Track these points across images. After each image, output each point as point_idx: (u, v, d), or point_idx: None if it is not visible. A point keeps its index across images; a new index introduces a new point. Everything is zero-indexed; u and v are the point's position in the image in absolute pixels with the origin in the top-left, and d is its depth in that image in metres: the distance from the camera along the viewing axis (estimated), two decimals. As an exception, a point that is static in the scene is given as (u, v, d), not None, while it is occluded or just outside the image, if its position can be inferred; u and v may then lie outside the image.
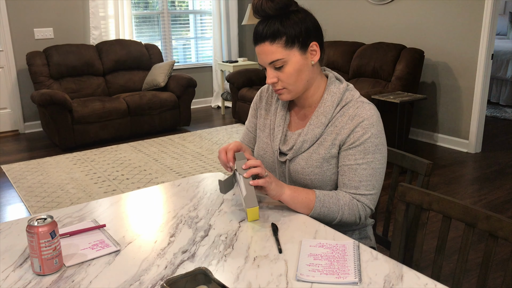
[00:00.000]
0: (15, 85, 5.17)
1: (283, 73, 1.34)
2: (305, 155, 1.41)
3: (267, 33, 1.31)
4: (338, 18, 5.41)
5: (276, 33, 1.31)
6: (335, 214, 1.34)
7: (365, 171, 1.34)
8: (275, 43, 1.31)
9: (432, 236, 2.78)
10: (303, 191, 1.35)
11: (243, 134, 1.65)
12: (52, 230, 1.06)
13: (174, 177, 3.78)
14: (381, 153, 1.36)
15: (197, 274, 0.94)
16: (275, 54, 1.32)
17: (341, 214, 1.34)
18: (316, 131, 1.39)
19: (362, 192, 1.35)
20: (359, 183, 1.34)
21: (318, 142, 1.40)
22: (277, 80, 1.36)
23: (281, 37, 1.31)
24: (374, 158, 1.34)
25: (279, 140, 1.46)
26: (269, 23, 1.32)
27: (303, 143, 1.40)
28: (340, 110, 1.38)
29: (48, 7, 5.20)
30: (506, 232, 1.13)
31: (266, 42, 1.32)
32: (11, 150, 4.67)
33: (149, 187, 1.60)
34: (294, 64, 1.34)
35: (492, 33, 4.09)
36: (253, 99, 1.62)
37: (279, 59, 1.33)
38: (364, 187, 1.35)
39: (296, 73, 1.35)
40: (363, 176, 1.34)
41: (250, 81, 5.37)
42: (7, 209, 3.26)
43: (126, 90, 5.35)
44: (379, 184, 1.37)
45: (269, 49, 1.32)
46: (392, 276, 1.05)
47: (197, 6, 6.37)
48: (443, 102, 4.55)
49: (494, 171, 3.89)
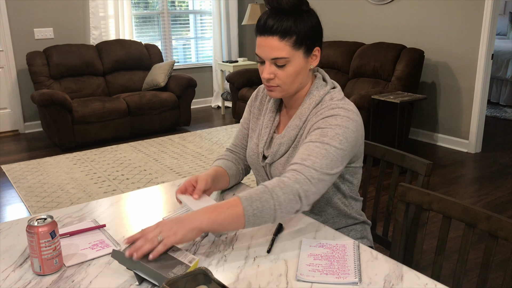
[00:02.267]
0: (15, 85, 5.18)
1: (283, 71, 1.31)
2: (283, 159, 1.39)
3: (278, 28, 1.26)
4: (338, 18, 5.41)
5: (288, 30, 1.27)
6: (270, 202, 1.14)
7: (317, 148, 1.22)
8: (284, 40, 1.27)
9: (432, 236, 2.78)
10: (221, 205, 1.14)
11: (238, 130, 1.62)
12: (52, 230, 1.06)
13: (174, 177, 3.78)
14: (341, 144, 1.24)
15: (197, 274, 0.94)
16: (281, 52, 1.28)
17: (275, 197, 1.14)
18: (291, 134, 1.37)
19: (307, 164, 1.19)
20: (307, 156, 1.21)
21: (293, 145, 1.37)
22: (274, 77, 1.33)
23: (292, 36, 1.27)
24: (331, 143, 1.23)
25: (264, 143, 1.44)
26: (282, 17, 1.27)
27: (280, 147, 1.39)
28: (315, 111, 1.35)
29: (48, 7, 5.20)
30: (506, 232, 1.13)
31: (275, 37, 1.27)
32: (11, 150, 4.67)
33: (149, 187, 1.60)
34: (296, 66, 1.31)
35: (492, 33, 4.09)
36: (250, 97, 1.59)
37: (284, 58, 1.29)
38: (311, 160, 1.20)
39: (295, 74, 1.32)
40: (313, 151, 1.22)
41: (250, 81, 5.37)
42: (7, 209, 3.26)
43: (126, 90, 5.35)
44: (328, 170, 1.21)
45: (276, 45, 1.28)
46: (392, 276, 1.05)
47: (197, 6, 6.37)
48: (443, 102, 4.55)
49: (494, 171, 3.89)
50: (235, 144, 1.62)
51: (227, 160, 1.56)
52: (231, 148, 1.62)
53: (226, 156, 1.58)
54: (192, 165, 4.06)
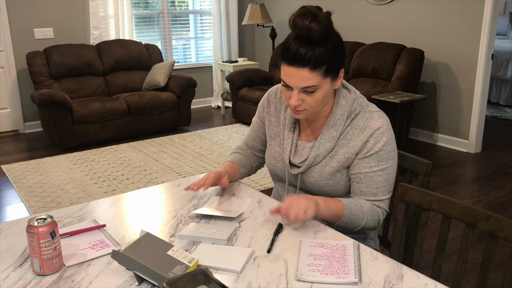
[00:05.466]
0: (15, 85, 5.17)
1: (311, 97, 1.31)
2: (318, 168, 1.42)
3: (310, 59, 1.25)
4: (338, 18, 5.41)
5: (320, 61, 1.26)
6: (360, 221, 1.35)
7: (380, 178, 1.36)
8: (315, 70, 1.26)
9: (432, 236, 2.78)
10: (330, 200, 1.34)
11: (250, 131, 1.66)
12: (52, 230, 1.06)
13: (174, 177, 3.77)
14: (393, 158, 1.38)
15: (197, 274, 0.94)
16: (311, 81, 1.28)
17: (365, 220, 1.35)
18: (327, 145, 1.40)
19: (380, 198, 1.38)
20: (376, 189, 1.37)
21: (330, 155, 1.41)
22: (302, 103, 1.33)
23: (322, 66, 1.27)
24: (387, 164, 1.37)
25: (289, 152, 1.46)
26: (312, 47, 1.25)
27: (315, 158, 1.42)
28: (350, 122, 1.39)
29: (48, 7, 5.20)
30: (506, 232, 1.13)
31: (306, 68, 1.26)
32: (11, 150, 4.67)
33: (149, 187, 1.60)
34: (324, 91, 1.32)
35: (492, 33, 4.09)
36: (261, 101, 1.60)
37: (314, 86, 1.29)
38: (381, 193, 1.37)
39: (322, 98, 1.33)
40: (379, 182, 1.37)
41: (250, 81, 5.37)
42: (7, 209, 3.26)
43: (126, 90, 5.35)
44: (392, 187, 1.41)
45: (307, 76, 1.27)
46: (392, 276, 1.05)
47: (197, 6, 6.37)
48: (443, 102, 4.55)
49: (494, 171, 3.89)
50: (248, 144, 1.67)
51: (243, 156, 1.66)
52: (243, 147, 1.69)
53: (243, 152, 1.67)
54: (192, 165, 4.06)
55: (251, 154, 1.67)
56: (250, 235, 1.25)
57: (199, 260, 1.11)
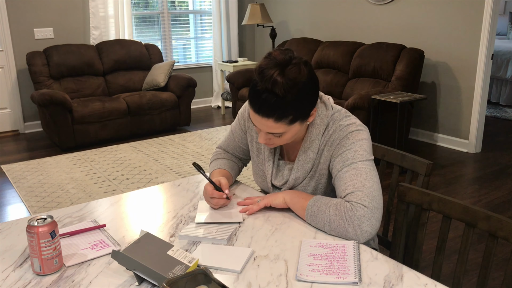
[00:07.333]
0: (15, 85, 5.17)
1: (280, 139, 1.31)
2: (300, 188, 1.43)
3: (274, 112, 1.22)
4: (338, 18, 5.41)
5: (285, 114, 1.23)
6: (323, 214, 1.26)
7: (347, 173, 1.29)
8: (280, 121, 1.24)
9: (432, 236, 2.78)
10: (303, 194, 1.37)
11: (228, 138, 1.62)
12: (52, 230, 1.06)
13: (174, 177, 3.77)
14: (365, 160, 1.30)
15: (197, 274, 0.94)
16: (277, 129, 1.26)
17: (327, 213, 1.25)
18: (306, 167, 1.39)
19: (349, 191, 1.26)
20: (345, 185, 1.28)
21: (310, 175, 1.41)
22: (270, 140, 1.33)
23: (288, 117, 1.24)
24: (356, 163, 1.30)
25: (270, 174, 1.47)
26: (278, 101, 1.20)
27: (295, 180, 1.42)
28: (327, 139, 1.36)
29: (48, 7, 5.20)
30: (506, 232, 1.13)
31: (270, 119, 1.24)
32: (11, 150, 4.66)
33: (149, 187, 1.60)
34: (293, 132, 1.30)
35: (492, 33, 4.09)
36: (241, 111, 1.55)
37: (280, 133, 1.28)
38: (351, 186, 1.27)
39: (292, 137, 1.32)
40: (347, 178, 1.29)
41: (250, 81, 5.35)
42: (7, 209, 3.26)
43: (126, 90, 5.35)
44: (371, 184, 1.26)
45: (272, 125, 1.25)
46: (392, 276, 1.05)
47: (197, 6, 6.37)
48: (443, 102, 4.55)
49: (494, 171, 3.89)
50: (227, 151, 1.64)
51: (228, 160, 1.61)
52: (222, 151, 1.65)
53: (225, 156, 1.62)
54: (192, 165, 4.06)
55: (232, 156, 1.64)
56: (250, 235, 1.25)
57: (199, 260, 1.11)
